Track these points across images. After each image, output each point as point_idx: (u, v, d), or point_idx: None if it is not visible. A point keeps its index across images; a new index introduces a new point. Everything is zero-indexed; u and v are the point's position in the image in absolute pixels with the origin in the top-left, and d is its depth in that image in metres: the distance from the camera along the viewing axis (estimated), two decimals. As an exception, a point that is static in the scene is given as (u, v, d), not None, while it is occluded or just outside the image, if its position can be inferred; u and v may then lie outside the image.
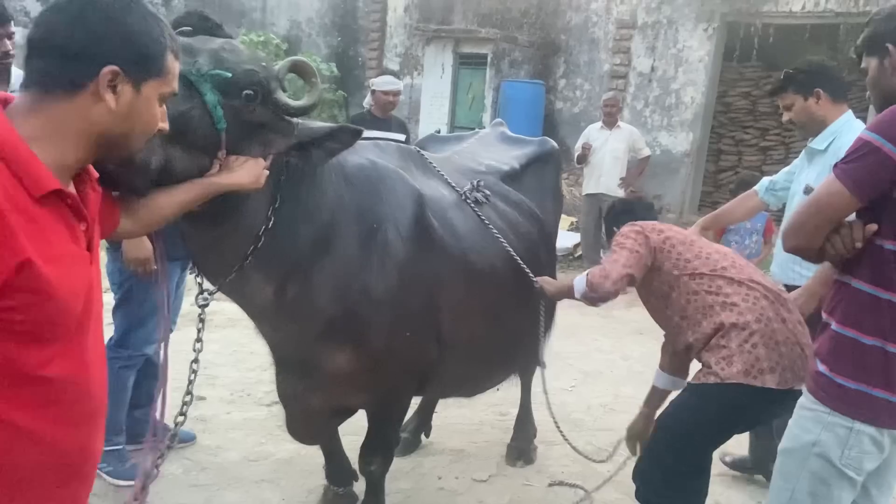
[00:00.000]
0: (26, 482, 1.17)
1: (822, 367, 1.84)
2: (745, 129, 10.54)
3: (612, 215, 2.90)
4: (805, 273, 2.98)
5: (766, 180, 3.42)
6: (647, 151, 7.67)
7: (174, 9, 12.21)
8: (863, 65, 1.97)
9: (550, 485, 3.42)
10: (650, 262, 2.52)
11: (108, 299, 3.51)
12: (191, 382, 2.03)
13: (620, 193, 7.41)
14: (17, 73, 2.92)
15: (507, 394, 3.85)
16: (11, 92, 2.76)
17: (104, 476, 3.08)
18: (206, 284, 2.10)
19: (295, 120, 1.98)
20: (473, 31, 10.84)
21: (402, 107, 12.61)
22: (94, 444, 1.31)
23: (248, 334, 2.79)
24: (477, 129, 3.99)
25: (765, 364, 2.30)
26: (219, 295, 2.14)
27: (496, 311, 2.74)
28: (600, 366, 5.12)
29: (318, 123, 2.05)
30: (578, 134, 8.29)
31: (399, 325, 2.35)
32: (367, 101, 5.57)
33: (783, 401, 2.28)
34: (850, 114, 3.10)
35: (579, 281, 2.60)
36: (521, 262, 2.76)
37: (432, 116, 10.96)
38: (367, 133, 4.61)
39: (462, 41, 10.85)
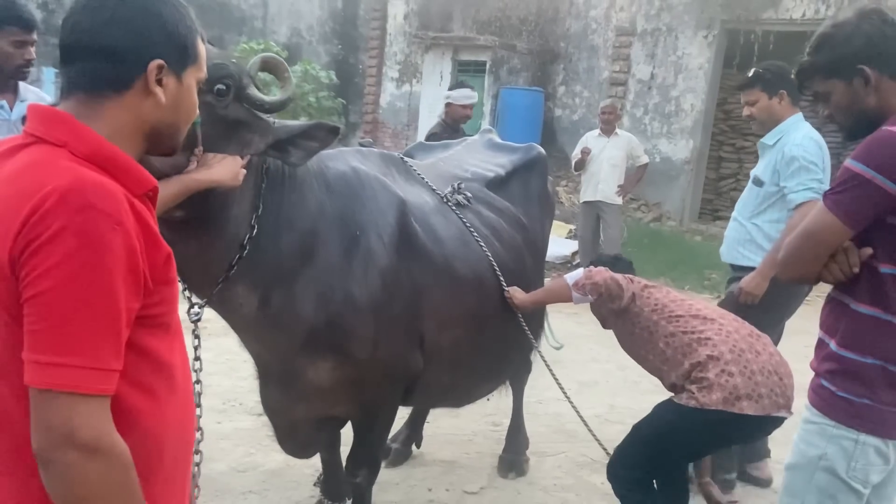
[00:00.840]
0: (171, 467, 1.22)
1: (826, 384, 1.84)
2: (745, 136, 10.50)
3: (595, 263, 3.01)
4: (749, 255, 3.28)
5: None
6: (645, 159, 7.63)
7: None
8: (818, 89, 1.88)
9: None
10: (626, 305, 2.68)
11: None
12: (198, 399, 2.01)
13: (618, 201, 7.37)
14: (23, 86, 2.90)
15: (499, 404, 3.80)
16: (21, 102, 2.78)
17: None
18: (195, 298, 2.08)
19: (272, 119, 1.97)
20: (472, 38, 10.86)
21: (401, 113, 12.67)
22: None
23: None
24: (465, 137, 3.96)
25: (742, 392, 2.40)
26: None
27: (481, 318, 2.70)
28: (596, 376, 5.06)
29: (294, 122, 2.05)
30: (577, 141, 8.28)
31: (382, 334, 2.32)
32: (441, 113, 5.61)
33: (760, 427, 2.46)
34: (800, 115, 3.37)
35: (572, 274, 2.78)
36: (497, 267, 2.72)
37: (431, 124, 10.94)
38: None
39: (461, 48, 10.86)
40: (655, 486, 2.68)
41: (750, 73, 3.44)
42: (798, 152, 3.19)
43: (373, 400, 2.48)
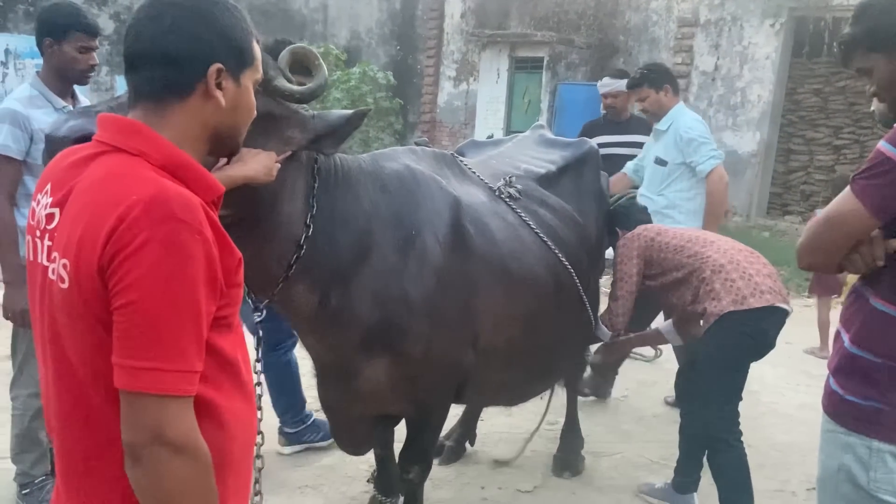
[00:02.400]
0: (238, 462, 1.27)
1: (835, 386, 1.76)
2: (816, 127, 10.06)
3: (612, 217, 3.41)
4: (662, 221, 3.67)
5: (630, 164, 4.43)
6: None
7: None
8: (860, 64, 1.77)
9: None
10: (648, 256, 3.10)
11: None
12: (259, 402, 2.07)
13: None
14: (77, 90, 3.02)
15: (554, 403, 3.76)
16: (79, 105, 2.91)
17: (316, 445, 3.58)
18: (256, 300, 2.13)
19: (310, 112, 1.97)
20: (529, 34, 10.77)
21: (458, 112, 12.67)
22: None
23: (299, 341, 2.83)
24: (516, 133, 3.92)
25: (745, 292, 2.82)
26: None
27: (536, 317, 2.67)
28: (655, 375, 4.95)
29: (332, 112, 2.04)
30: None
31: (437, 332, 2.33)
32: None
33: (771, 316, 2.85)
34: (682, 103, 4.14)
35: (665, 328, 3.20)
36: (567, 264, 2.70)
37: (488, 122, 10.94)
38: (600, 139, 4.60)
39: (517, 45, 10.79)
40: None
41: (637, 75, 4.15)
42: (693, 133, 3.90)
43: (426, 397, 2.49)
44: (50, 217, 1.18)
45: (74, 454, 1.18)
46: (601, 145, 5.03)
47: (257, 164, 1.84)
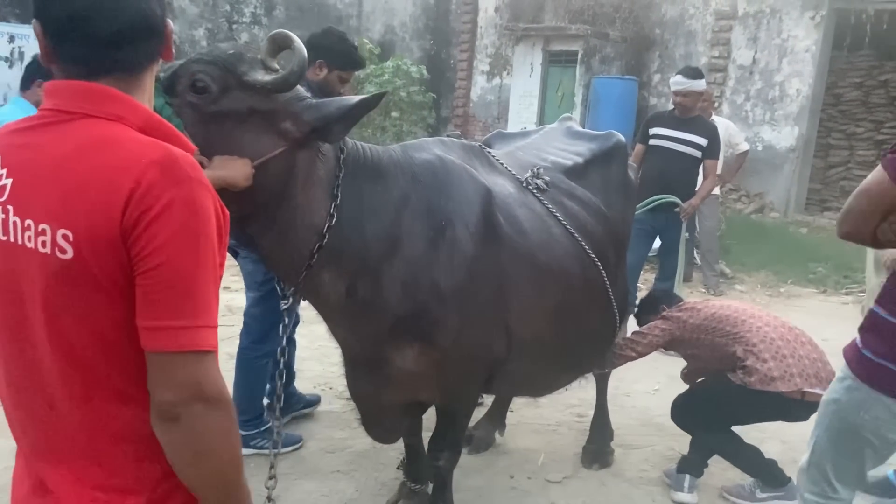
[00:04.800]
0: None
1: (858, 340, 2.05)
2: (857, 122, 9.85)
3: (640, 310, 3.65)
4: None
5: None
6: (745, 146, 7.29)
7: (275, 18, 12.71)
8: None
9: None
10: (679, 336, 3.26)
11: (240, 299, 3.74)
12: (278, 394, 2.11)
13: (715, 191, 7.09)
14: None
15: (585, 395, 3.77)
16: None
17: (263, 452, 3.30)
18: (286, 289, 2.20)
19: (308, 102, 1.94)
20: (563, 28, 10.69)
21: (491, 106, 12.66)
22: None
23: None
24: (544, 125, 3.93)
25: (775, 374, 2.92)
26: None
27: (564, 307, 2.68)
28: (688, 369, 4.92)
29: (332, 102, 1.99)
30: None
31: (467, 322, 2.35)
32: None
33: (800, 406, 2.92)
34: None
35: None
36: (594, 257, 2.70)
37: (521, 116, 10.90)
38: (661, 130, 5.02)
39: (551, 39, 10.73)
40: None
41: None
42: None
43: (456, 386, 2.52)
44: (1, 189, 1.13)
45: (74, 433, 1.15)
46: (660, 137, 5.06)
47: (233, 170, 1.82)
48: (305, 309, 4.72)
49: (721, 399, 3.09)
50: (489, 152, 2.76)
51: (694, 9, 10.25)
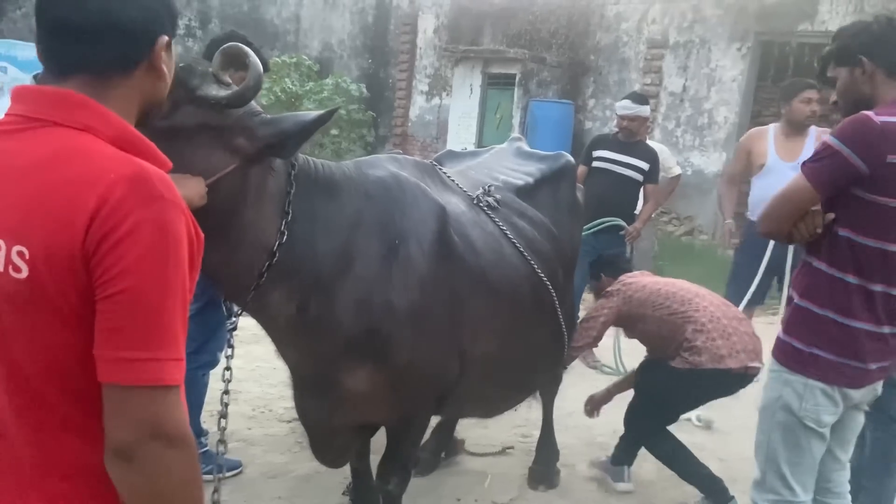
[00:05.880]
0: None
1: (783, 336, 2.22)
2: (779, 149, 10.34)
3: (597, 266, 3.74)
4: None
5: None
6: (677, 170, 7.53)
7: (210, 32, 12.47)
8: (829, 74, 2.23)
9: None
10: (626, 311, 3.33)
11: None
12: (223, 413, 2.03)
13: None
14: None
15: (530, 415, 3.77)
16: None
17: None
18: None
19: (263, 117, 1.89)
20: (502, 51, 10.87)
21: (430, 126, 12.71)
22: None
23: (271, 350, 2.76)
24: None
25: (724, 352, 3.04)
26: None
27: (515, 327, 2.69)
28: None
29: (288, 118, 1.93)
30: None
31: (421, 342, 2.32)
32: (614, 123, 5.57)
33: (739, 380, 3.12)
34: None
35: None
36: (543, 276, 2.71)
37: (460, 136, 10.98)
38: (606, 153, 5.06)
39: (490, 61, 10.88)
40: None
41: None
42: None
43: (408, 407, 2.47)
44: None
45: (23, 465, 1.07)
46: (604, 159, 5.18)
47: (185, 189, 1.73)
48: (241, 329, 4.61)
49: (665, 388, 3.19)
50: (441, 170, 2.75)
51: (627, 37, 10.59)
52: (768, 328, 4.75)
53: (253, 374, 4.64)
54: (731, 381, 3.13)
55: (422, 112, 12.76)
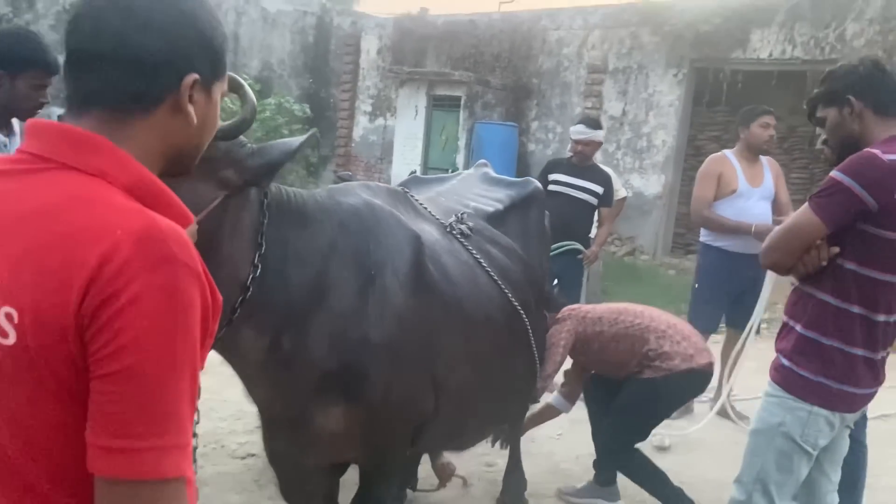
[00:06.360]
0: None
1: (787, 363, 2.24)
2: (715, 171, 10.69)
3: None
4: None
5: None
6: (623, 192, 7.68)
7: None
8: (819, 114, 2.31)
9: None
10: (582, 331, 3.28)
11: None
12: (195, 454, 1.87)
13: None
14: (15, 121, 2.78)
15: (493, 443, 3.70)
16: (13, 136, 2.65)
17: None
18: None
19: (249, 147, 1.83)
20: (447, 73, 10.93)
21: (374, 147, 12.64)
22: None
23: (220, 381, 2.63)
24: (460, 170, 3.92)
25: (690, 352, 3.13)
26: None
27: (490, 357, 2.63)
28: (585, 414, 4.99)
29: (276, 147, 1.88)
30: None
31: (397, 376, 2.23)
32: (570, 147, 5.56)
33: (703, 378, 3.25)
34: None
35: (555, 399, 3.52)
36: (518, 305, 2.67)
37: (405, 157, 10.96)
38: (560, 177, 4.94)
39: (435, 83, 10.92)
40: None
41: None
42: None
43: (383, 444, 2.37)
44: None
45: None
46: (560, 183, 5.21)
47: None
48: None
49: (643, 402, 3.21)
50: (413, 197, 2.68)
51: (568, 62, 10.80)
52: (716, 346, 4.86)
53: (202, 408, 4.40)
54: (700, 379, 3.24)
55: (365, 132, 12.68)
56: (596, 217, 5.43)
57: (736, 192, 4.58)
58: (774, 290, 4.42)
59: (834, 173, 2.12)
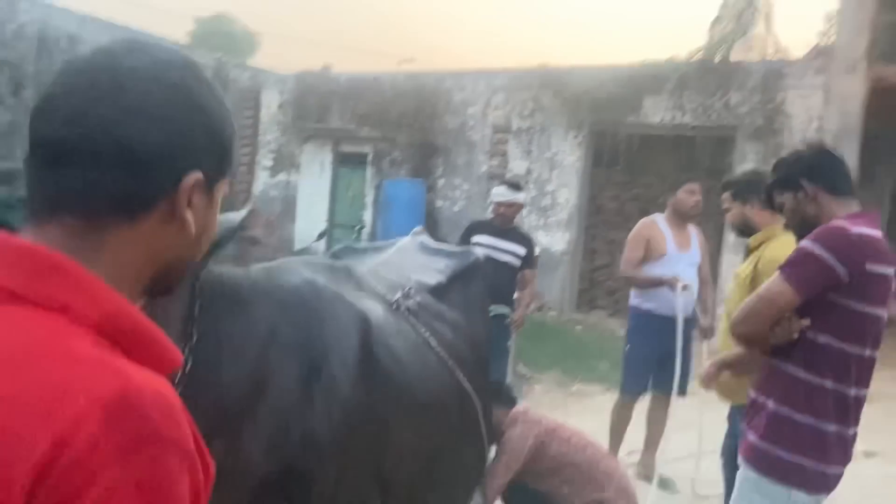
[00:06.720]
0: None
1: (760, 442, 2.19)
2: (616, 229, 11.03)
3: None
4: None
5: None
6: (536, 250, 7.74)
7: (24, 100, 11.30)
8: (777, 200, 2.39)
9: None
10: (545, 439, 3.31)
11: None
12: None
13: None
14: None
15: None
16: None
17: None
18: None
19: None
20: (353, 130, 10.82)
21: (275, 202, 12.25)
22: None
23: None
24: (365, 226, 3.74)
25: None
26: None
27: (441, 445, 2.44)
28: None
29: (224, 224, 1.65)
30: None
31: (344, 475, 2.01)
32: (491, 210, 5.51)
33: None
34: None
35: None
36: (467, 385, 2.49)
37: (310, 214, 10.67)
38: (483, 239, 4.87)
39: (342, 140, 10.77)
40: None
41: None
42: None
43: None
44: None
45: None
46: (484, 245, 5.14)
47: None
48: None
49: None
50: (356, 272, 2.48)
51: (473, 121, 10.96)
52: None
53: None
54: None
55: (266, 188, 12.29)
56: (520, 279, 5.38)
57: (665, 256, 4.67)
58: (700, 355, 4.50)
59: (805, 243, 2.13)
